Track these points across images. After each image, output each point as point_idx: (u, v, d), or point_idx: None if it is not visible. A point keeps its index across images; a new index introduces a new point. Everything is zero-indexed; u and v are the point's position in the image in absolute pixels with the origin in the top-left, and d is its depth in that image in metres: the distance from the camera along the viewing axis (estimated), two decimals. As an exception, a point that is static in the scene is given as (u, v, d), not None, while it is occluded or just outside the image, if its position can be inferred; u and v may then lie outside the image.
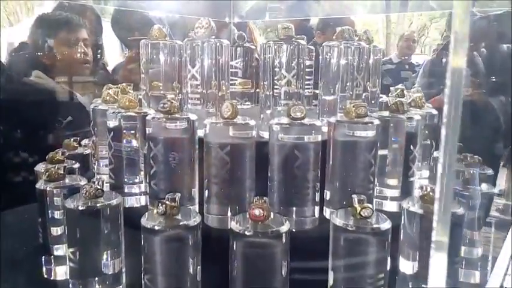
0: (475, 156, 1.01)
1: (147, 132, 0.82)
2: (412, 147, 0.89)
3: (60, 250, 0.90)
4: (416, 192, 0.88)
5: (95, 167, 1.01)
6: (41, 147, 1.41)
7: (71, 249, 0.78)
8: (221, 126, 0.77)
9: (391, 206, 0.88)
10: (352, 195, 0.73)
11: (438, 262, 0.52)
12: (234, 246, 0.69)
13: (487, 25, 2.04)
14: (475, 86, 2.04)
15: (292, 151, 0.77)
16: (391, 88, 1.21)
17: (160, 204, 0.70)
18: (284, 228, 0.69)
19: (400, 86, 1.22)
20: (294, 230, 0.81)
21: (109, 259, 0.78)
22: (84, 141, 1.22)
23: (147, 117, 0.82)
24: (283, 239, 0.69)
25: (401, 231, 0.79)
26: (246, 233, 0.68)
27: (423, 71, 2.42)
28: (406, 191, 0.90)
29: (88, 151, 1.15)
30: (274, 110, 0.87)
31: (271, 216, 0.70)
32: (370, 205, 0.72)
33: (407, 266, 0.78)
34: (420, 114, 0.91)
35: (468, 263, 0.93)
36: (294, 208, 0.82)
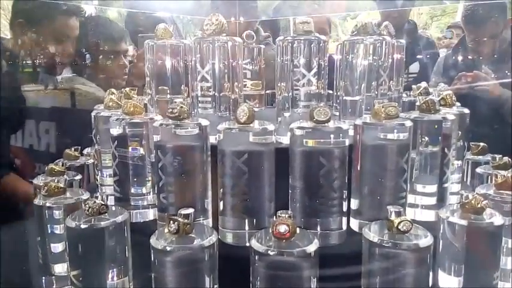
0: (505, 158, 0.93)
1: (155, 140, 0.74)
2: (446, 149, 0.80)
3: (62, 269, 0.82)
4: (455, 200, 0.80)
5: (98, 178, 0.93)
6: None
7: (74, 270, 0.71)
8: (237, 132, 0.69)
9: (425, 216, 0.80)
10: (388, 207, 0.65)
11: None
12: (256, 266, 0.61)
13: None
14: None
15: (317, 157, 0.69)
16: (413, 86, 1.13)
17: (172, 221, 0.62)
18: (312, 246, 0.61)
19: (423, 83, 1.14)
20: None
21: (115, 278, 0.71)
22: (86, 150, 1.14)
23: (155, 124, 0.74)
24: (312, 259, 0.61)
25: (440, 243, 0.71)
26: (270, 252, 0.60)
27: (437, 67, 2.34)
28: (440, 198, 0.81)
29: (90, 161, 1.07)
30: (293, 112, 0.79)
31: (297, 232, 0.62)
32: (408, 218, 0.63)
33: (449, 281, 0.70)
34: (454, 114, 0.83)
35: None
36: (319, 220, 0.74)
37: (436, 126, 0.77)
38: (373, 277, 0.64)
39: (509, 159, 0.96)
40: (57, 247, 0.80)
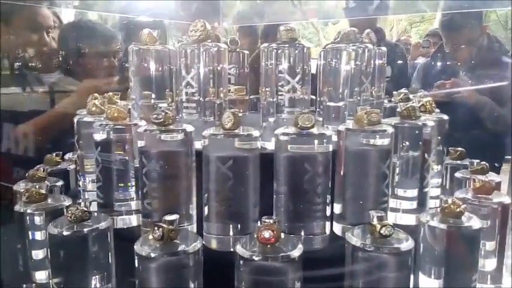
0: (483, 163, 0.96)
1: (139, 145, 0.74)
2: (426, 155, 0.82)
3: (43, 276, 0.81)
4: (435, 204, 0.82)
5: (80, 183, 0.92)
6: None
7: (56, 278, 0.70)
8: (222, 138, 0.70)
9: (406, 220, 0.81)
10: (370, 211, 0.66)
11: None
12: (241, 272, 0.61)
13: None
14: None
15: (301, 163, 0.70)
16: (394, 92, 1.16)
17: (156, 228, 0.62)
18: (297, 251, 0.62)
19: (403, 89, 1.17)
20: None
21: (98, 285, 0.70)
22: (68, 156, 1.13)
23: (139, 130, 0.74)
24: (296, 263, 0.62)
25: (421, 246, 0.72)
26: (255, 257, 0.60)
27: (417, 74, 2.39)
28: (420, 202, 0.83)
29: (72, 166, 1.06)
30: (278, 118, 0.80)
31: (282, 237, 0.63)
32: (390, 222, 0.65)
33: (429, 284, 0.72)
34: (433, 120, 0.85)
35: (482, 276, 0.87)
36: (302, 224, 0.75)
37: (417, 132, 0.79)
38: (356, 280, 0.65)
39: (487, 165, 0.99)
40: (38, 254, 0.79)
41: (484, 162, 0.99)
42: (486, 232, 0.82)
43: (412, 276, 0.67)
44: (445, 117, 0.96)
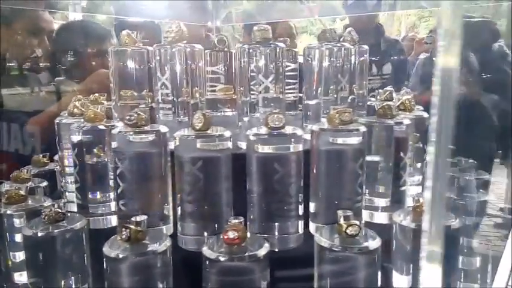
0: (470, 161, 0.95)
1: (113, 146, 0.74)
2: (402, 153, 0.82)
3: (22, 277, 0.82)
4: (409, 203, 0.82)
5: (62, 184, 0.93)
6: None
7: (32, 278, 0.71)
8: (191, 140, 0.70)
9: (381, 218, 0.81)
10: (338, 211, 0.66)
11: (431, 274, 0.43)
12: (208, 272, 0.62)
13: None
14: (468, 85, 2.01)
15: (271, 164, 0.70)
16: (379, 90, 1.15)
17: (124, 229, 0.63)
18: (262, 250, 0.62)
19: (389, 87, 1.16)
20: (276, 250, 0.75)
21: (73, 287, 0.71)
22: (56, 157, 1.14)
23: (112, 131, 0.74)
24: (262, 263, 0.62)
25: (394, 244, 0.73)
26: (220, 258, 0.61)
27: (416, 71, 2.38)
28: (397, 200, 0.83)
29: (58, 167, 1.07)
30: (251, 117, 0.80)
31: (248, 237, 0.63)
32: (357, 222, 0.65)
33: (401, 281, 0.72)
34: (410, 118, 0.85)
35: (466, 275, 0.87)
36: (276, 224, 0.75)
37: (388, 131, 0.79)
38: (325, 280, 0.65)
39: (475, 162, 0.98)
40: (18, 255, 0.80)
41: (472, 161, 0.98)
42: (466, 229, 0.82)
43: (379, 274, 0.67)
44: (426, 115, 0.95)
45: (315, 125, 0.78)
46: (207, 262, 0.61)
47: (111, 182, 0.82)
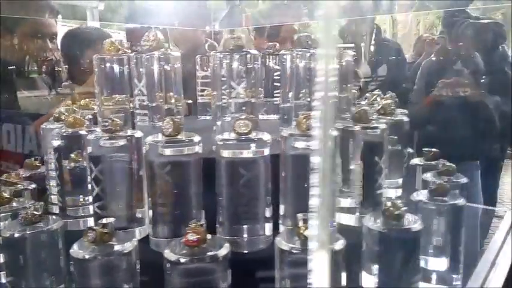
0: (448, 164, 0.95)
1: (88, 151, 0.77)
2: (376, 157, 0.83)
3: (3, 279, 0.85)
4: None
5: (48, 187, 0.97)
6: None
7: (9, 278, 0.74)
8: (159, 145, 0.72)
9: (352, 220, 0.83)
10: (297, 214, 0.67)
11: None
12: (169, 275, 0.64)
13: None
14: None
15: (236, 168, 0.72)
16: (367, 94, 1.16)
17: (90, 231, 0.65)
18: (223, 251, 0.64)
19: (376, 91, 1.17)
20: (245, 251, 0.77)
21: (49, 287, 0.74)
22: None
23: (88, 137, 0.78)
24: (223, 264, 0.64)
25: (363, 246, 0.73)
26: (181, 260, 0.63)
27: (421, 72, 2.36)
28: (373, 203, 0.84)
29: (46, 171, 1.11)
30: (223, 121, 0.82)
31: (210, 239, 0.65)
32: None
33: (369, 282, 0.73)
34: (386, 123, 0.86)
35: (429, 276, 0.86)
36: (245, 227, 0.77)
37: (359, 136, 0.80)
38: (284, 282, 0.67)
39: (453, 166, 0.97)
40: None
41: (449, 164, 0.98)
42: (436, 232, 0.82)
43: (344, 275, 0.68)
44: (406, 119, 0.96)
45: (285, 129, 0.80)
46: (168, 264, 0.63)
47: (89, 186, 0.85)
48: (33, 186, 1.01)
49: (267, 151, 0.74)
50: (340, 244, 0.66)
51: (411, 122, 1.00)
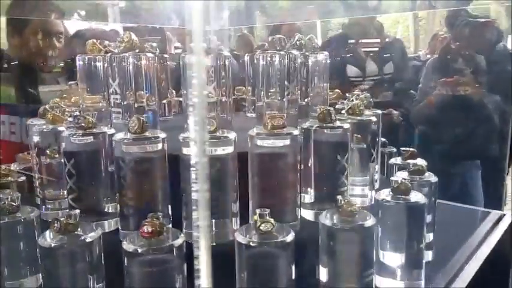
0: (419, 164, 0.96)
1: (62, 147, 0.82)
2: (339, 156, 0.85)
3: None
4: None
5: (34, 181, 1.02)
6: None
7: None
8: (125, 142, 0.76)
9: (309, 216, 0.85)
10: (256, 209, 0.70)
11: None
12: (127, 267, 0.67)
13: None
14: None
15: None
16: (347, 94, 1.18)
17: (56, 221, 0.69)
18: (178, 241, 0.67)
19: (356, 91, 1.19)
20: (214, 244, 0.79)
21: (28, 276, 0.78)
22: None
23: (62, 133, 0.82)
24: (178, 254, 0.67)
25: (320, 241, 0.76)
26: (139, 250, 0.66)
27: (426, 70, 2.34)
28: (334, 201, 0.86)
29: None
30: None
31: (165, 231, 0.68)
32: (271, 220, 0.69)
33: (323, 274, 0.75)
34: (350, 123, 0.88)
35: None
36: (214, 221, 0.80)
37: (320, 136, 0.82)
38: (243, 274, 0.70)
39: (423, 166, 0.98)
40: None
41: (421, 164, 0.99)
42: (396, 229, 0.83)
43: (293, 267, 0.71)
44: (374, 118, 0.97)
45: (253, 128, 0.82)
46: (126, 255, 0.66)
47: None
48: (23, 178, 1.06)
49: (232, 149, 0.77)
50: (290, 237, 0.69)
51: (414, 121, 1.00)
